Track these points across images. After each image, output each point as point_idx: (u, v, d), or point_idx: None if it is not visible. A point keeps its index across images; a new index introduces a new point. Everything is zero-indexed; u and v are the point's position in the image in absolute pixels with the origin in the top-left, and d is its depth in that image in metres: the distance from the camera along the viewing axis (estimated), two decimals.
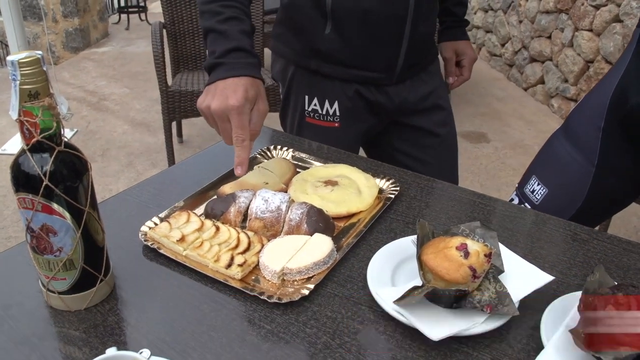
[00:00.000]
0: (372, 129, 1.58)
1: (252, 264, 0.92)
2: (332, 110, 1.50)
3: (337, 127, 1.51)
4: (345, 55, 1.43)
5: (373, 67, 1.45)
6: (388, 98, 1.50)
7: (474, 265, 0.79)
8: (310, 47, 1.45)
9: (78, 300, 0.84)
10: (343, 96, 1.48)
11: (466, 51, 1.70)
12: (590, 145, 1.32)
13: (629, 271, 0.96)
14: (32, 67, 0.69)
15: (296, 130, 1.56)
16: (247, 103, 1.06)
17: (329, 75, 1.47)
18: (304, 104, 1.52)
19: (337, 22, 1.39)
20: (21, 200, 0.76)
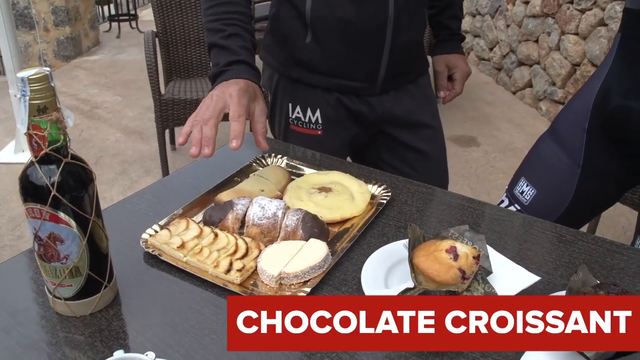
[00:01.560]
0: (357, 138, 1.60)
1: (250, 269, 0.95)
2: (314, 118, 1.53)
3: (320, 135, 1.54)
4: (325, 64, 1.47)
5: (354, 76, 1.48)
6: (370, 108, 1.53)
7: (463, 267, 0.83)
8: (293, 56, 1.49)
9: (83, 306, 0.87)
10: (325, 104, 1.52)
11: (458, 65, 1.69)
12: (575, 146, 1.36)
13: (612, 270, 1.00)
14: (41, 83, 0.73)
15: (282, 137, 1.60)
16: (245, 93, 1.17)
17: (311, 84, 1.50)
18: (288, 112, 1.55)
19: (317, 31, 1.42)
20: (29, 210, 0.79)
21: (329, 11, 1.39)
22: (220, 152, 1.36)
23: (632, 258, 1.04)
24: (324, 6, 1.39)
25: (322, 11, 1.40)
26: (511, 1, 5.03)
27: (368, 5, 1.38)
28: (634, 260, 1.03)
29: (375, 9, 1.39)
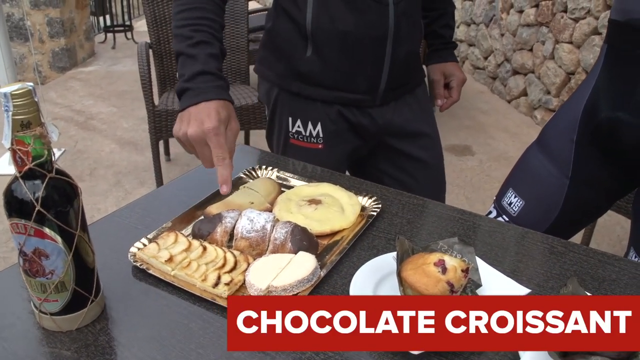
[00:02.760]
0: (358, 150, 1.60)
1: (238, 282, 0.95)
2: (315, 132, 1.52)
3: (320, 148, 1.54)
4: (326, 77, 1.46)
5: (355, 89, 1.48)
6: (371, 120, 1.53)
7: (452, 281, 0.83)
8: (292, 69, 1.48)
9: (70, 321, 0.86)
10: (326, 118, 1.51)
11: (454, 72, 1.70)
12: (564, 157, 1.36)
13: (604, 282, 1.00)
14: (24, 99, 0.72)
15: (281, 151, 1.59)
16: (222, 124, 1.11)
17: (311, 97, 1.49)
18: (288, 126, 1.54)
19: (317, 44, 1.42)
20: (14, 225, 0.79)
21: (329, 23, 1.39)
22: None
23: (624, 269, 1.03)
24: (324, 18, 1.39)
25: (322, 23, 1.40)
26: (505, 10, 5.05)
27: (369, 16, 1.39)
28: (625, 271, 1.03)
29: (376, 20, 1.39)
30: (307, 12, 1.40)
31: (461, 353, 0.83)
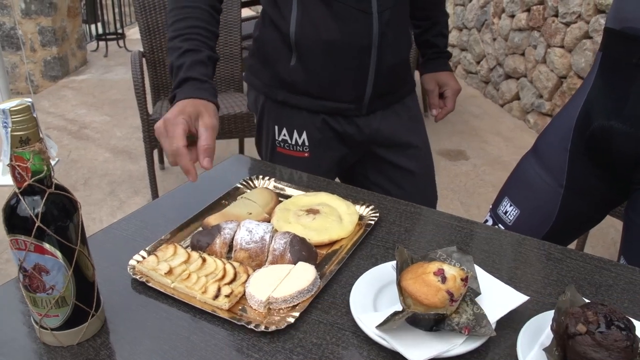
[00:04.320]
0: (345, 159, 1.60)
1: (238, 294, 0.95)
2: (300, 141, 1.53)
3: (307, 157, 1.54)
4: (311, 86, 1.46)
5: (340, 97, 1.48)
6: (357, 129, 1.53)
7: (451, 290, 0.83)
8: (277, 78, 1.49)
9: (71, 336, 0.86)
10: (311, 126, 1.51)
11: (449, 82, 1.70)
12: (558, 166, 1.36)
13: (601, 288, 1.01)
14: (23, 115, 0.72)
15: (269, 159, 1.59)
16: (180, 116, 1.11)
17: (296, 106, 1.50)
18: (274, 134, 1.55)
19: (301, 53, 1.43)
20: (14, 241, 0.79)
21: (313, 32, 1.39)
22: (207, 174, 1.36)
23: (620, 275, 1.04)
24: (308, 28, 1.39)
25: (306, 33, 1.40)
26: (497, 15, 5.07)
27: (352, 25, 1.38)
28: (621, 277, 1.03)
29: (360, 29, 1.39)
30: (291, 21, 1.40)
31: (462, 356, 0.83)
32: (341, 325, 0.90)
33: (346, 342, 0.87)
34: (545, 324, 0.86)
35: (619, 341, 0.74)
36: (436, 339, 0.84)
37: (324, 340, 0.87)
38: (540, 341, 0.84)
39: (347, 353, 0.85)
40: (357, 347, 0.86)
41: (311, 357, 0.84)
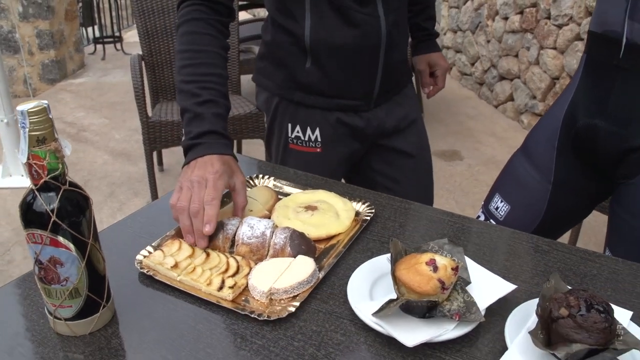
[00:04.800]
0: (355, 154, 1.66)
1: (241, 285, 1.00)
2: (314, 137, 1.59)
3: (319, 152, 1.60)
4: (325, 86, 1.53)
5: (352, 95, 1.55)
6: (367, 122, 1.60)
7: (443, 278, 0.88)
8: (292, 80, 1.55)
9: (83, 326, 0.91)
10: (325, 123, 1.58)
11: (438, 62, 1.83)
12: (546, 163, 1.42)
13: (586, 277, 1.06)
14: (40, 116, 0.77)
15: (281, 155, 1.65)
16: (223, 175, 1.15)
17: (312, 106, 1.56)
18: (287, 132, 1.61)
19: (316, 56, 1.49)
20: (30, 235, 0.84)
21: (327, 37, 1.46)
22: None
23: (604, 265, 1.09)
24: (322, 33, 1.45)
25: (320, 38, 1.46)
26: (491, 17, 5.13)
27: (363, 28, 1.45)
28: (605, 267, 1.09)
29: (370, 32, 1.47)
30: (305, 27, 1.46)
31: (453, 344, 0.88)
32: (339, 313, 0.96)
33: (344, 329, 0.92)
34: (532, 311, 0.91)
35: (598, 323, 0.79)
36: (429, 324, 0.89)
37: (323, 327, 0.92)
38: (527, 326, 0.89)
39: (345, 339, 0.90)
40: (354, 333, 0.91)
41: (311, 343, 0.89)
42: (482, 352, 0.88)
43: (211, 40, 1.34)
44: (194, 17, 1.34)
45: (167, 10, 3.40)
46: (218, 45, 1.35)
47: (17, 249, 3.08)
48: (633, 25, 1.18)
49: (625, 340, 0.81)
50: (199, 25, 1.34)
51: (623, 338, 0.82)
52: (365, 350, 0.88)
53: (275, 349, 0.88)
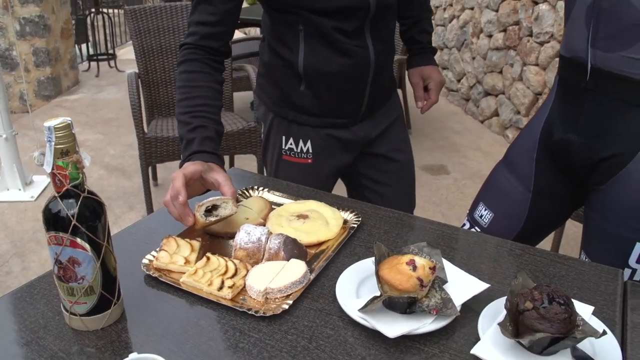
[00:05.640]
0: (344, 165, 1.76)
1: (239, 286, 1.10)
2: (305, 149, 1.69)
3: (310, 163, 1.70)
4: (317, 108, 1.64)
5: (341, 115, 1.66)
6: (354, 134, 1.70)
7: (421, 277, 0.98)
8: (287, 100, 1.65)
9: (96, 321, 1.00)
10: (316, 137, 1.68)
11: (432, 75, 1.84)
12: (526, 174, 1.53)
13: (554, 278, 1.16)
14: (64, 131, 0.88)
15: (275, 166, 1.75)
16: (181, 174, 1.27)
17: (304, 123, 1.67)
18: (281, 144, 1.71)
19: (309, 81, 1.59)
20: (52, 237, 0.93)
21: (319, 66, 1.56)
22: None
23: (572, 267, 1.20)
24: (315, 63, 1.56)
25: (313, 66, 1.57)
26: (476, 35, 5.27)
27: (354, 58, 1.56)
28: (573, 268, 1.19)
29: (359, 61, 1.57)
30: (299, 56, 1.56)
31: (431, 337, 0.98)
32: (328, 310, 1.05)
33: (333, 324, 1.02)
34: (502, 306, 1.01)
35: (558, 314, 0.89)
36: (409, 319, 0.99)
37: (314, 323, 1.02)
38: (497, 320, 0.99)
39: (334, 333, 1.00)
40: (342, 328, 1.01)
41: (303, 336, 0.99)
42: (457, 343, 0.97)
43: (205, 77, 1.47)
44: (191, 59, 1.47)
45: (162, 30, 3.51)
46: (212, 80, 1.48)
47: (15, 260, 3.15)
48: (595, 52, 1.29)
49: (584, 329, 0.92)
50: (194, 65, 1.47)
51: (582, 328, 0.92)
52: (352, 342, 0.98)
53: (270, 342, 0.97)
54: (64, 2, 6.31)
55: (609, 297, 1.11)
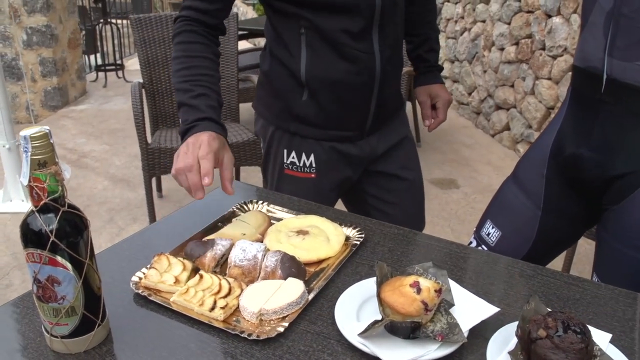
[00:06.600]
0: (348, 180, 1.70)
1: (232, 306, 1.03)
2: (308, 162, 1.63)
3: (313, 177, 1.64)
4: (320, 119, 1.57)
5: (346, 127, 1.60)
6: (360, 149, 1.64)
7: (426, 300, 0.92)
8: (289, 111, 1.59)
9: (79, 344, 0.94)
10: (319, 150, 1.62)
11: (440, 94, 1.82)
12: (536, 190, 1.46)
13: (568, 301, 1.09)
14: (41, 141, 0.82)
15: (276, 180, 1.69)
16: (215, 140, 1.29)
17: (307, 136, 1.60)
18: (282, 158, 1.65)
19: (312, 90, 1.53)
20: (30, 254, 0.87)
21: (322, 72, 1.51)
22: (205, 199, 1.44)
23: (587, 290, 1.12)
24: (317, 68, 1.50)
25: (315, 72, 1.51)
26: (487, 48, 5.21)
27: (357, 65, 1.50)
28: (588, 291, 1.12)
29: (364, 68, 1.51)
30: (301, 62, 1.51)
31: None
32: (327, 334, 0.99)
33: (331, 349, 0.95)
34: (513, 332, 0.94)
35: (574, 343, 0.82)
36: (413, 345, 0.93)
37: (310, 347, 0.95)
38: (508, 347, 0.92)
39: (332, 359, 0.93)
40: (341, 353, 0.94)
41: None
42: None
43: (204, 48, 1.45)
44: (188, 30, 1.45)
45: (168, 40, 3.47)
46: (209, 51, 1.46)
47: (16, 273, 3.10)
48: (612, 62, 1.23)
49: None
50: (192, 36, 1.45)
51: (599, 358, 0.85)
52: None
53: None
54: (72, 12, 6.30)
55: (627, 323, 1.03)
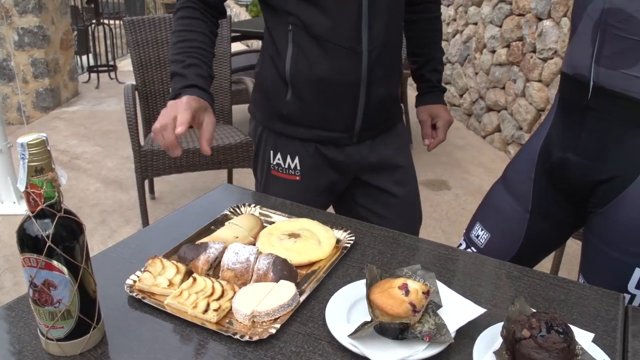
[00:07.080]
0: (336, 185, 1.71)
1: (225, 309, 1.05)
2: (293, 165, 1.65)
3: (298, 180, 1.66)
4: (305, 117, 1.59)
5: (331, 128, 1.61)
6: (347, 156, 1.65)
7: (414, 302, 0.94)
8: (275, 111, 1.62)
9: (74, 346, 0.95)
10: (304, 153, 1.64)
11: (440, 114, 1.83)
12: (524, 194, 1.49)
13: (554, 302, 1.12)
14: (39, 148, 0.84)
15: (264, 181, 1.72)
16: (194, 101, 1.35)
17: (291, 136, 1.62)
18: (269, 159, 1.68)
19: (296, 88, 1.55)
20: (26, 259, 0.89)
21: (306, 69, 1.53)
22: (198, 202, 1.47)
23: (572, 290, 1.15)
24: (301, 65, 1.52)
25: (299, 69, 1.53)
26: (479, 50, 5.24)
27: (342, 62, 1.51)
28: (573, 292, 1.15)
29: (349, 67, 1.52)
30: (287, 59, 1.53)
31: None
32: (317, 335, 1.01)
33: (322, 350, 0.97)
34: (499, 333, 0.96)
35: (557, 343, 0.85)
36: (401, 345, 0.95)
37: (302, 348, 0.98)
38: (493, 347, 0.94)
39: (323, 359, 0.95)
40: (331, 354, 0.96)
41: None
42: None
43: (203, 24, 1.51)
44: (190, 6, 1.52)
45: (161, 42, 3.48)
46: (207, 28, 1.52)
47: (8, 275, 3.10)
48: (599, 69, 1.26)
49: (583, 359, 0.87)
50: (193, 12, 1.51)
51: (581, 357, 0.88)
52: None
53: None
54: (64, 13, 6.30)
55: (609, 322, 1.06)
